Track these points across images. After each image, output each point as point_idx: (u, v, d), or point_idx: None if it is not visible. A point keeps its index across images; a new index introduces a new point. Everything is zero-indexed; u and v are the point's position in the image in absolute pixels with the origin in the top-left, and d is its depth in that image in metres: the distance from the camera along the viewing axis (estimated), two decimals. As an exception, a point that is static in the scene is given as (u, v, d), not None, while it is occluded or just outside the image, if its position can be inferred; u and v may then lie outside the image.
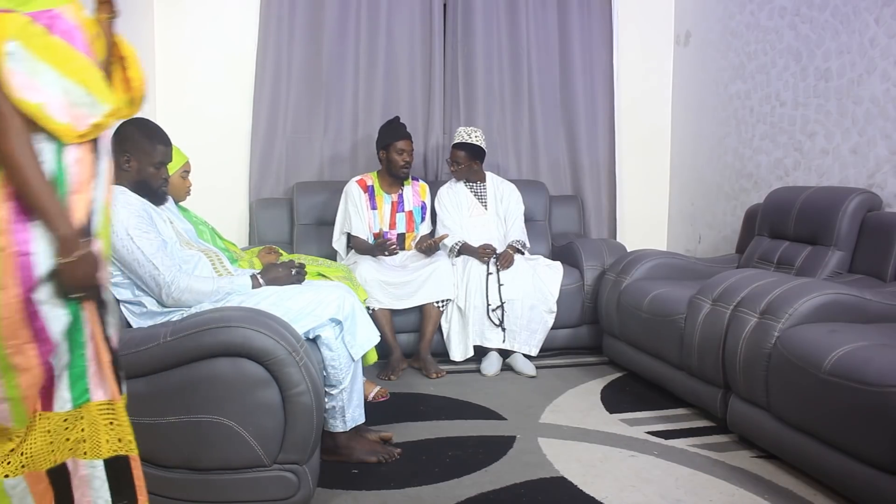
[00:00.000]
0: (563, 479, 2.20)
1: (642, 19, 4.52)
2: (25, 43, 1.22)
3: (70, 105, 1.26)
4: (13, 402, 1.29)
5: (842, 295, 2.30)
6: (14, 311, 1.25)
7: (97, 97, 1.30)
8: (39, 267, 1.26)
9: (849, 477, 1.95)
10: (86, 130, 1.29)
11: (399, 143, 3.55)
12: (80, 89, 1.28)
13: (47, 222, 1.26)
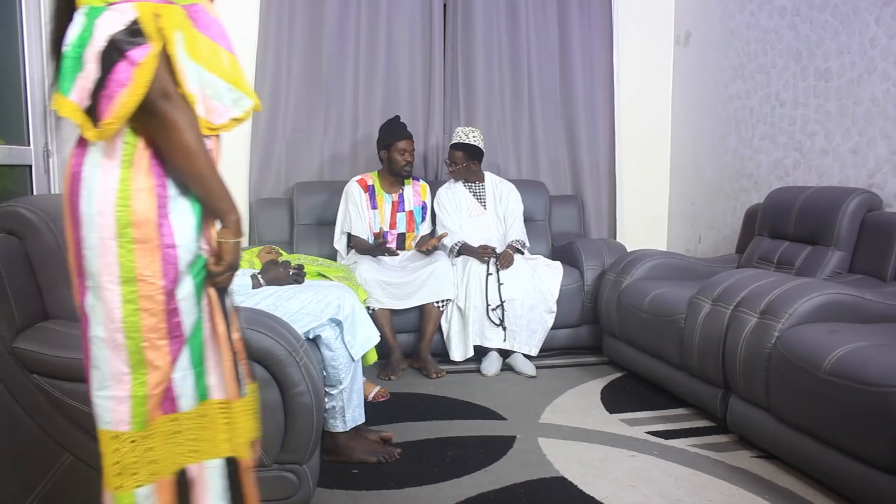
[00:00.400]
0: (563, 479, 2.20)
1: (642, 19, 4.52)
2: (184, 35, 1.22)
3: (205, 98, 1.26)
4: (136, 400, 1.25)
5: (842, 295, 2.30)
6: (157, 304, 1.24)
7: (242, 92, 1.30)
8: (181, 260, 1.25)
9: (849, 477, 1.95)
10: (224, 124, 1.30)
11: (401, 143, 3.56)
12: (225, 84, 1.28)
13: (221, 207, 1.28)
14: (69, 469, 1.76)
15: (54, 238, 1.88)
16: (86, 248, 1.23)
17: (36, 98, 2.46)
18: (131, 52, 1.15)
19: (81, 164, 1.23)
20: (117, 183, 1.22)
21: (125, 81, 1.15)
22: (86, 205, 1.22)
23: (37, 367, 1.72)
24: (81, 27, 1.17)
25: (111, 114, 1.16)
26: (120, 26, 1.16)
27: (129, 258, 1.22)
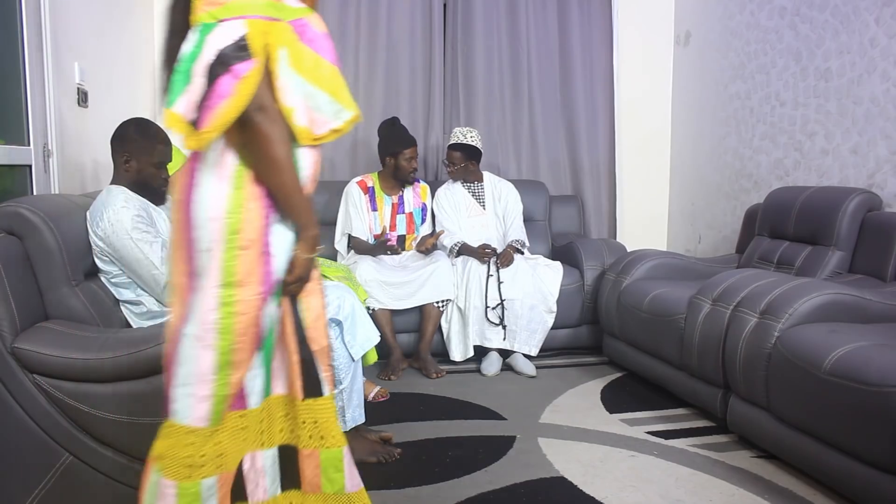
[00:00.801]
0: (563, 479, 2.20)
1: (642, 19, 4.52)
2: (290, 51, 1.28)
3: (308, 109, 1.31)
4: (218, 399, 1.29)
5: (842, 295, 2.30)
6: (253, 309, 1.29)
7: (342, 105, 1.35)
8: (278, 270, 1.33)
9: (849, 477, 1.95)
10: (324, 135, 1.36)
11: (408, 152, 3.58)
12: (326, 96, 1.33)
13: (301, 222, 1.36)
14: (69, 469, 1.76)
15: (54, 238, 1.88)
16: (198, 250, 1.29)
17: (36, 98, 2.46)
18: (236, 67, 1.22)
19: (194, 177, 1.30)
20: (230, 190, 1.29)
21: (227, 94, 1.22)
22: (199, 209, 1.29)
23: (37, 367, 1.72)
24: (194, 44, 1.25)
25: (210, 123, 1.22)
26: (229, 41, 1.23)
27: (232, 263, 1.28)
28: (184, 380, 1.29)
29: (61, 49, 2.59)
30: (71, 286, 1.92)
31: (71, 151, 2.71)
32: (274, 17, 1.27)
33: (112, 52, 3.24)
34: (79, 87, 2.79)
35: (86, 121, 2.86)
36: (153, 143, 2.17)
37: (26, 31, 2.41)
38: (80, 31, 2.82)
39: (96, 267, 2.09)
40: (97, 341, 1.77)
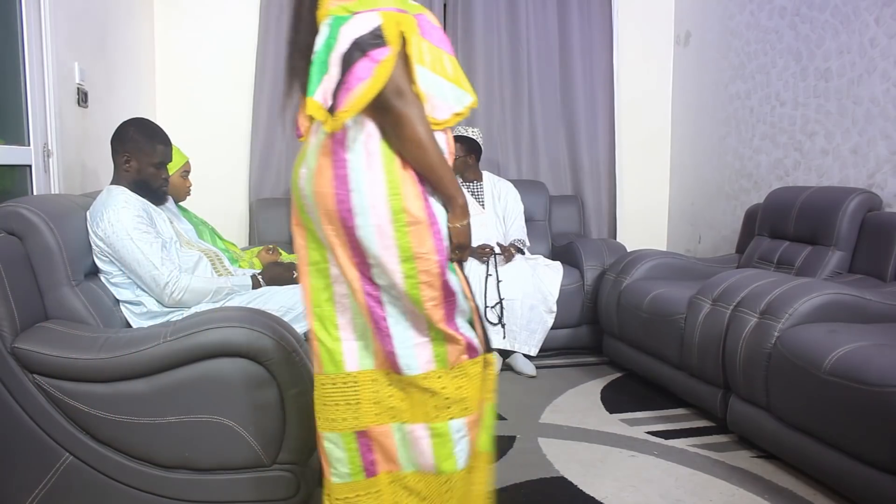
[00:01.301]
0: (563, 479, 2.20)
1: (642, 19, 4.52)
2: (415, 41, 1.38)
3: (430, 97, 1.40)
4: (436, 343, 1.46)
5: (842, 295, 2.30)
6: (435, 277, 1.42)
7: (464, 90, 1.46)
8: (445, 238, 1.44)
9: (849, 477, 1.95)
10: (447, 119, 1.44)
11: None
12: (448, 83, 1.44)
13: (449, 193, 1.44)
14: (69, 469, 1.76)
15: (54, 238, 1.88)
16: (361, 235, 1.39)
17: (36, 98, 2.46)
18: (373, 52, 1.30)
19: (346, 166, 1.39)
20: (383, 175, 1.39)
21: (365, 76, 1.30)
22: (357, 199, 1.38)
23: (37, 367, 1.72)
24: (326, 35, 1.34)
25: (347, 104, 1.29)
26: (365, 31, 1.31)
27: (405, 240, 1.39)
28: (401, 338, 1.45)
29: (61, 49, 2.60)
30: (71, 286, 1.92)
31: (71, 151, 2.71)
32: (403, 10, 1.37)
33: (112, 52, 3.24)
34: (79, 87, 2.79)
35: (86, 121, 2.86)
36: (153, 143, 2.17)
37: (26, 31, 2.41)
38: (80, 31, 2.82)
39: (96, 267, 2.09)
40: (97, 341, 1.77)
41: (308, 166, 1.45)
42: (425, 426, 1.47)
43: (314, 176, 1.42)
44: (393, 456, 1.52)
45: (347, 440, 1.50)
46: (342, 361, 1.49)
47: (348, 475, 1.52)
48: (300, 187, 1.46)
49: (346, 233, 1.40)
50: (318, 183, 1.41)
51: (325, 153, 1.41)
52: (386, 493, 1.52)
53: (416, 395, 1.48)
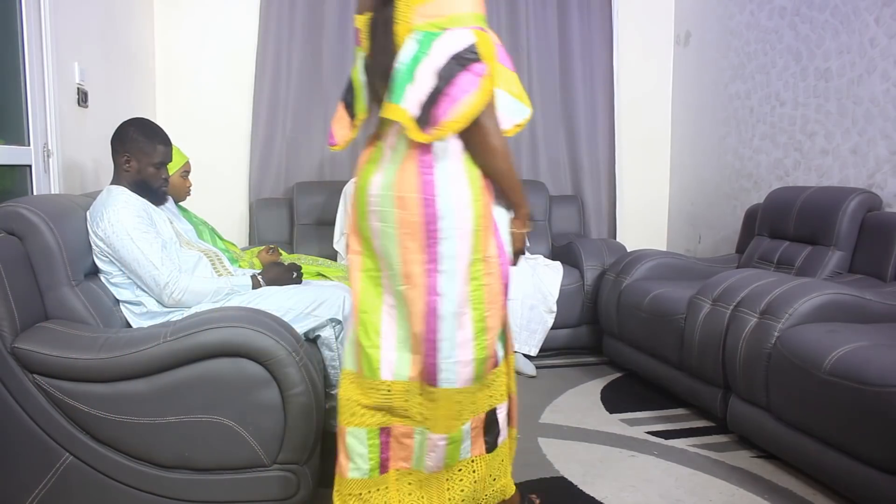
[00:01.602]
0: (563, 479, 2.20)
1: (642, 19, 4.52)
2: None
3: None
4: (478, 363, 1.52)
5: (842, 295, 2.30)
6: (497, 278, 1.52)
7: (523, 103, 1.60)
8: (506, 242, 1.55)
9: (849, 477, 1.95)
10: (508, 129, 1.56)
11: None
12: (510, 97, 1.58)
13: (517, 201, 1.58)
14: (69, 469, 1.76)
15: (54, 238, 1.88)
16: (442, 237, 1.46)
17: (36, 98, 2.46)
18: (473, 67, 1.40)
19: (433, 172, 1.47)
20: (467, 181, 1.49)
21: (470, 90, 1.40)
22: (444, 201, 1.46)
23: (37, 367, 1.72)
24: (416, 49, 1.42)
25: (455, 115, 1.39)
26: (461, 47, 1.42)
27: (479, 243, 1.49)
28: (447, 353, 1.49)
29: (61, 49, 2.60)
30: (71, 286, 1.92)
31: (71, 151, 2.71)
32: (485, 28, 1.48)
33: (112, 52, 3.24)
34: (79, 87, 2.79)
35: (86, 121, 2.86)
36: (153, 143, 2.17)
37: (26, 31, 2.41)
38: (80, 31, 2.82)
39: (96, 267, 2.09)
40: (97, 341, 1.77)
41: (385, 173, 1.53)
42: (445, 437, 1.55)
43: (397, 182, 1.49)
44: (408, 456, 1.59)
45: (372, 436, 1.57)
46: (378, 369, 1.54)
47: (367, 471, 1.58)
48: (371, 193, 1.53)
49: (426, 236, 1.47)
50: (402, 188, 1.48)
51: (409, 160, 1.49)
52: (392, 488, 1.60)
53: (444, 408, 1.53)
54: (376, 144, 1.65)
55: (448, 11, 1.45)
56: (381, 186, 1.52)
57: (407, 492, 1.60)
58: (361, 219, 1.57)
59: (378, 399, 1.56)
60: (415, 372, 1.54)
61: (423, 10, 1.44)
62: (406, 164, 1.49)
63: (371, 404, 1.56)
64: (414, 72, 1.41)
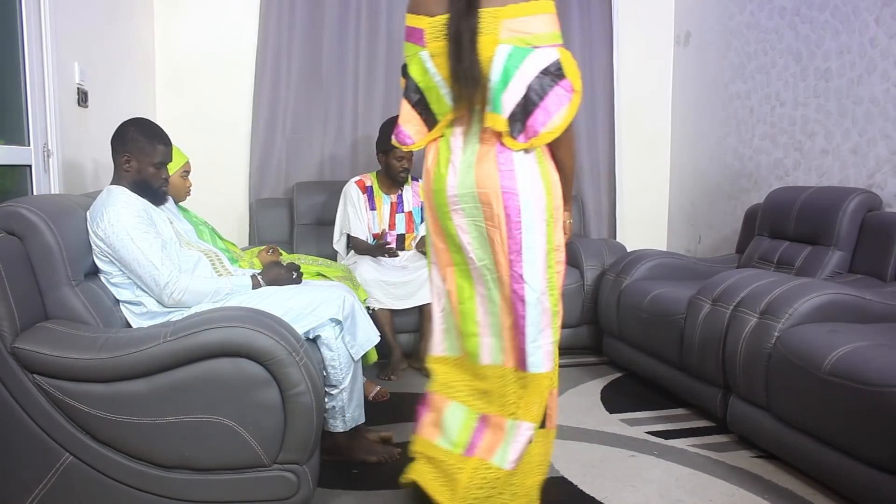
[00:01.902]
0: (563, 479, 2.20)
1: (642, 19, 4.52)
2: None
3: None
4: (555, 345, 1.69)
5: (842, 295, 2.30)
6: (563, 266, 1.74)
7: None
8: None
9: (849, 477, 1.95)
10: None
11: (399, 150, 3.50)
12: None
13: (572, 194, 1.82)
14: (69, 469, 1.76)
15: (54, 238, 1.87)
16: (524, 228, 1.63)
17: (36, 98, 2.46)
18: (561, 83, 1.60)
19: (513, 169, 1.64)
20: (540, 176, 1.66)
21: (564, 103, 1.61)
22: (525, 194, 1.63)
23: (37, 367, 1.72)
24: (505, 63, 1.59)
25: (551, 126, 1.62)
26: (549, 63, 1.60)
27: (551, 233, 1.67)
28: (533, 338, 1.64)
29: (61, 49, 2.60)
30: (71, 286, 1.92)
31: (71, 151, 2.71)
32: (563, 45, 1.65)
33: (112, 52, 3.24)
34: (79, 87, 2.79)
35: (86, 121, 2.86)
36: (153, 143, 2.17)
37: (26, 31, 2.41)
38: (80, 31, 2.82)
39: (96, 267, 2.09)
40: (97, 341, 1.77)
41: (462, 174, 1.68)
42: (531, 426, 1.68)
43: (477, 181, 1.66)
44: (494, 447, 1.69)
45: (470, 418, 1.71)
46: (478, 355, 1.71)
47: (451, 444, 1.72)
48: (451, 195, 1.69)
49: (509, 227, 1.64)
50: (484, 185, 1.65)
51: (490, 159, 1.65)
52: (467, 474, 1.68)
53: (533, 393, 1.67)
54: (439, 145, 1.75)
55: (534, 30, 1.60)
56: (460, 186, 1.67)
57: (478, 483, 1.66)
58: (445, 219, 1.72)
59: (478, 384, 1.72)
60: (508, 358, 1.69)
61: (509, 24, 1.59)
62: (483, 163, 1.65)
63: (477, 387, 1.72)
64: (508, 84, 1.59)
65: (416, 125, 1.77)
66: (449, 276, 1.75)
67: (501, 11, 1.59)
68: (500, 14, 1.58)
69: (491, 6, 1.59)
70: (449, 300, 1.76)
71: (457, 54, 1.63)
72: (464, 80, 1.63)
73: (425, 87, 1.74)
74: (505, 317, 1.68)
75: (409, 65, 1.77)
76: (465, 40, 1.60)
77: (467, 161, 1.66)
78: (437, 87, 1.71)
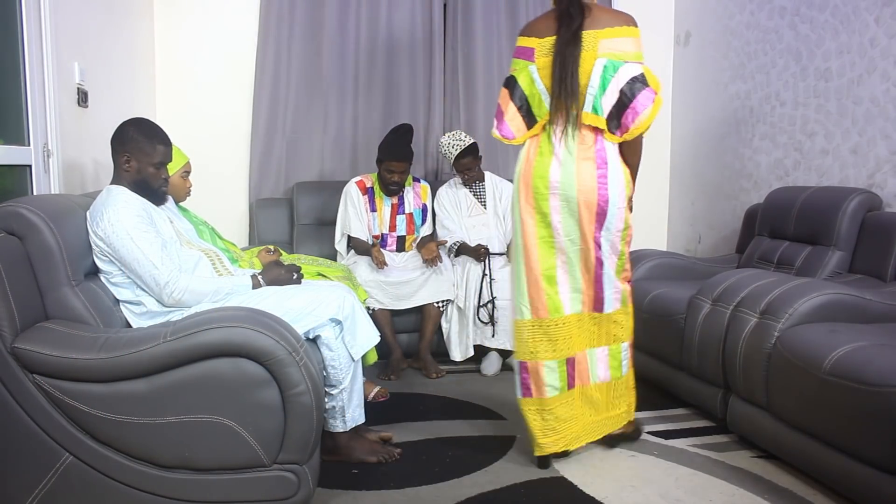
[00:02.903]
0: (563, 479, 2.20)
1: (642, 19, 4.41)
2: None
3: None
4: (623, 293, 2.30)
5: (842, 295, 2.30)
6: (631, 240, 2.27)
7: None
8: None
9: (849, 477, 1.95)
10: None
11: (392, 164, 3.48)
12: None
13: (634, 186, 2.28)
14: (69, 469, 1.76)
15: (54, 238, 1.87)
16: (609, 214, 2.16)
17: (36, 98, 2.45)
18: (648, 88, 2.10)
19: (606, 158, 2.15)
20: (621, 174, 2.17)
21: (648, 104, 2.09)
22: (612, 190, 2.15)
23: (37, 367, 1.72)
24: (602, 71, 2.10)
25: (639, 123, 2.11)
26: (636, 73, 2.10)
27: (627, 217, 2.21)
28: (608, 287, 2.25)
29: (61, 49, 2.60)
30: (71, 286, 1.92)
31: (71, 151, 2.71)
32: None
33: (112, 52, 3.24)
34: (79, 87, 2.79)
35: (86, 121, 2.86)
36: (153, 143, 2.17)
37: (26, 31, 2.41)
38: (80, 31, 2.82)
39: (96, 267, 2.08)
40: (97, 341, 1.77)
41: (565, 168, 2.14)
42: (606, 349, 2.31)
43: (577, 174, 2.14)
44: (586, 374, 2.32)
45: (561, 365, 2.24)
46: (561, 307, 2.23)
47: (558, 389, 2.24)
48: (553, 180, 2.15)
49: (598, 213, 2.15)
50: (584, 179, 2.14)
51: (587, 157, 2.14)
52: (577, 400, 2.30)
53: (606, 326, 2.29)
54: (540, 140, 2.20)
55: (624, 49, 2.11)
56: (563, 176, 2.15)
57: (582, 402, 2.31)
58: (541, 200, 2.17)
59: (561, 332, 2.23)
60: (584, 306, 2.27)
61: (606, 44, 2.10)
62: (584, 161, 2.14)
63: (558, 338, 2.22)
64: (605, 90, 2.09)
65: (517, 124, 2.21)
66: (533, 247, 2.20)
67: (600, 33, 2.09)
68: (599, 35, 2.09)
69: (592, 29, 2.09)
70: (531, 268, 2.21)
71: (561, 72, 2.10)
72: (565, 93, 2.10)
73: (529, 94, 2.19)
74: (584, 276, 2.23)
75: (517, 76, 2.22)
76: (569, 63, 2.09)
77: (569, 154, 2.14)
78: (540, 95, 2.17)
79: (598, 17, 2.12)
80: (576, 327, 2.25)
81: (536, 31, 2.17)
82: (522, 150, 2.24)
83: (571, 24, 2.08)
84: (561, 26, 2.10)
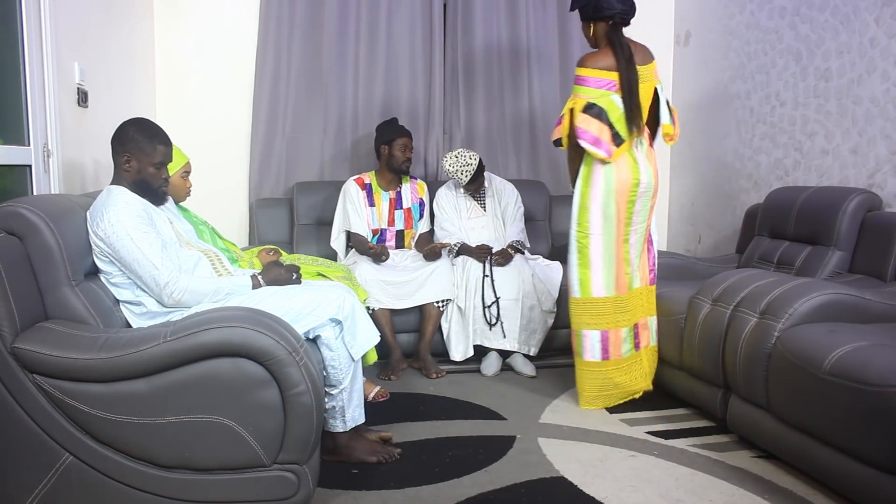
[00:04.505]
0: (563, 479, 2.20)
1: (642, 19, 4.45)
2: None
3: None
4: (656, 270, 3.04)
5: (842, 295, 2.30)
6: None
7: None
8: None
9: (849, 477, 1.95)
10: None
11: (401, 140, 3.59)
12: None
13: None
14: (69, 469, 1.76)
15: (54, 238, 1.87)
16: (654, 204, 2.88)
17: (36, 98, 2.46)
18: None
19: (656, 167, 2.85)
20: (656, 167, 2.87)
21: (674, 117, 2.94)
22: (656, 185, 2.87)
23: (37, 367, 1.72)
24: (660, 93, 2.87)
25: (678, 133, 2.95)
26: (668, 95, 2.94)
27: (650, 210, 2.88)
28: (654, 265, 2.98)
29: (61, 49, 2.60)
30: (71, 286, 1.92)
31: (71, 151, 2.71)
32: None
33: (112, 52, 3.24)
34: (79, 87, 2.79)
35: (86, 121, 2.86)
36: (153, 143, 2.17)
37: (26, 31, 2.41)
38: (80, 31, 2.82)
39: (96, 267, 2.09)
40: (97, 341, 1.77)
41: (646, 171, 2.78)
42: (654, 318, 2.92)
43: (653, 175, 2.83)
44: (648, 337, 2.90)
45: (630, 331, 2.81)
46: (630, 284, 2.81)
47: (629, 351, 2.81)
48: (643, 182, 2.77)
49: (654, 203, 2.86)
50: (655, 179, 2.85)
51: (653, 160, 2.84)
52: (645, 359, 2.89)
53: (650, 298, 2.91)
54: (627, 154, 2.74)
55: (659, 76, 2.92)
56: (646, 177, 2.78)
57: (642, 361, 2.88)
58: (632, 200, 2.76)
59: (631, 303, 2.80)
60: (644, 281, 2.88)
61: (655, 73, 2.88)
62: (652, 164, 2.83)
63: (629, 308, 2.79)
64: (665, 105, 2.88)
65: (607, 144, 2.67)
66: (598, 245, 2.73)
67: (651, 66, 2.85)
68: (651, 67, 2.84)
69: (644, 65, 2.80)
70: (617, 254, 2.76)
71: (630, 101, 2.70)
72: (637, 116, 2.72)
73: (615, 120, 2.68)
74: (642, 256, 2.86)
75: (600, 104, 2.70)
76: (634, 93, 2.71)
77: (644, 161, 2.79)
78: (623, 119, 2.70)
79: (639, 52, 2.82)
80: (637, 299, 2.83)
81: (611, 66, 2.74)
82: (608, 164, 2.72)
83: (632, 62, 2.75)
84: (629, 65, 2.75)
